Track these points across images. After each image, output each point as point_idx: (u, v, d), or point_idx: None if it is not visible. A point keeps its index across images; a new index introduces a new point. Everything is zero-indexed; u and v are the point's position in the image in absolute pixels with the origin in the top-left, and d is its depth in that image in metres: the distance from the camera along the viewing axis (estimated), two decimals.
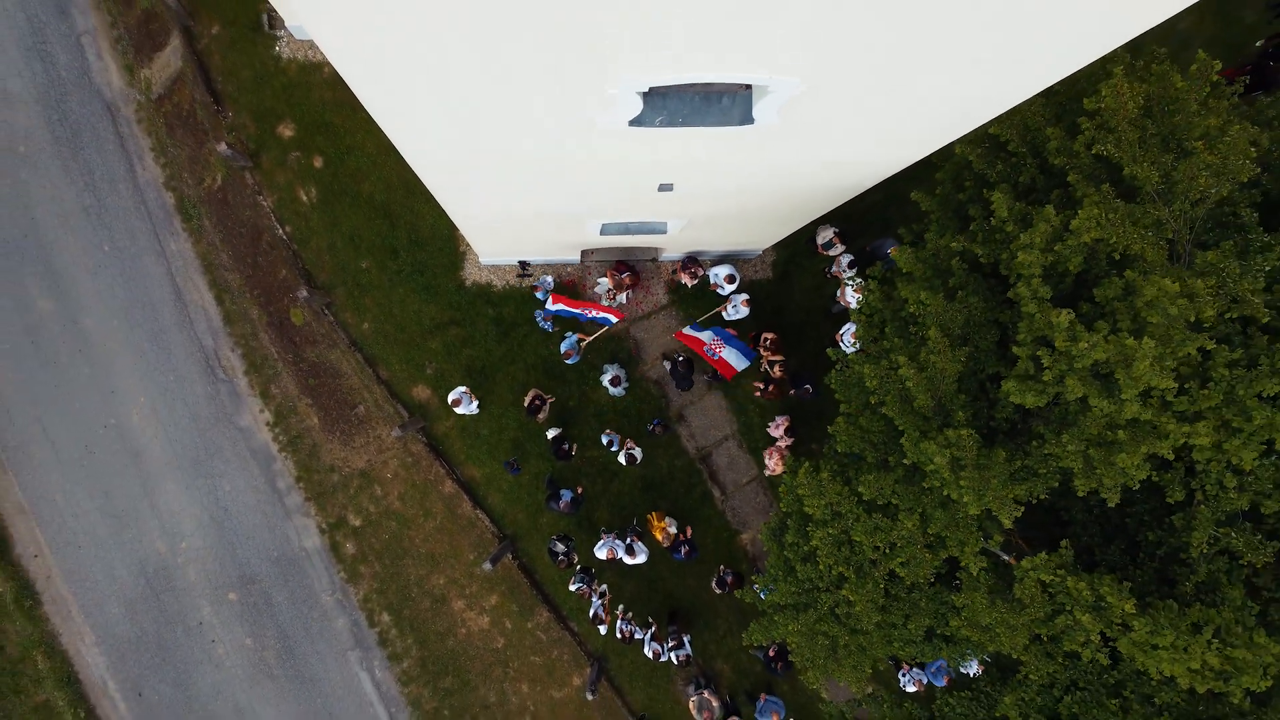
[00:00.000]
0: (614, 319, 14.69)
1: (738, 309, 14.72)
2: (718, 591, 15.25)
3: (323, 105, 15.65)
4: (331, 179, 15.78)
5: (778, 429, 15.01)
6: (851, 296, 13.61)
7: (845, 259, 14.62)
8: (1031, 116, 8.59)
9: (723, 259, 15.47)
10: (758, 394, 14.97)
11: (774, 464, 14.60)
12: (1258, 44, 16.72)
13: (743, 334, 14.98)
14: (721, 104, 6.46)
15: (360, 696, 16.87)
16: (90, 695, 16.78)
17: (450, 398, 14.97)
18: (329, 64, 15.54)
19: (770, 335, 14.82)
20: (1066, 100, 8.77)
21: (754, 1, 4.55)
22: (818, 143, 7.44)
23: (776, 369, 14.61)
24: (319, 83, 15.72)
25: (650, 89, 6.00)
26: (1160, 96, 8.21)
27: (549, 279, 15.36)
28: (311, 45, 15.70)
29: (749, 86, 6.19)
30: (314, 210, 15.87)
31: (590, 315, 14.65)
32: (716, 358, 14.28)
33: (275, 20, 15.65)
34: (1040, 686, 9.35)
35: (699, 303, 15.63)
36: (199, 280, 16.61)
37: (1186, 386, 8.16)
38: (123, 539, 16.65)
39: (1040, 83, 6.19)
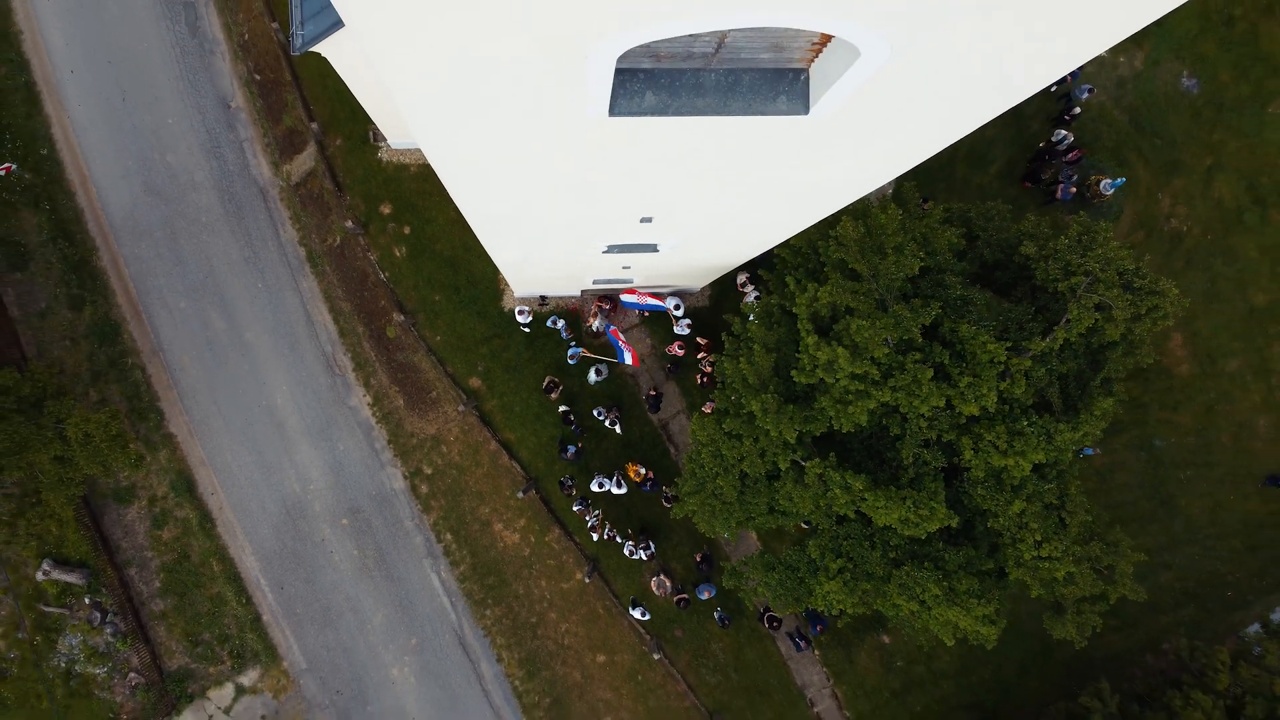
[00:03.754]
0: (629, 359, 22.09)
1: (682, 328, 22.64)
2: (665, 505, 23.11)
3: (410, 192, 23.61)
4: (416, 241, 23.74)
5: (709, 408, 22.88)
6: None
7: (753, 295, 22.52)
8: (813, 232, 16.51)
9: (675, 293, 23.40)
10: (700, 383, 22.93)
11: None
12: (1040, 145, 24.66)
13: (689, 342, 22.92)
14: (644, 244, 14.44)
15: (431, 590, 24.76)
16: (248, 589, 24.70)
17: (516, 310, 22.92)
18: (414, 165, 23.55)
19: (704, 340, 22.79)
20: (828, 226, 16.69)
21: (647, 234, 12.51)
22: (693, 252, 15.39)
23: (707, 365, 22.57)
24: (407, 177, 23.68)
25: (609, 245, 14.00)
26: (875, 225, 16.15)
27: (563, 322, 23.16)
28: (403, 151, 23.65)
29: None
30: (404, 262, 23.83)
31: (617, 342, 22.32)
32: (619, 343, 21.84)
33: (377, 135, 23.57)
34: (829, 537, 17.28)
35: (658, 322, 23.57)
36: (322, 308, 24.55)
37: (893, 372, 16.08)
38: (270, 482, 24.58)
39: (785, 235, 14.15)
